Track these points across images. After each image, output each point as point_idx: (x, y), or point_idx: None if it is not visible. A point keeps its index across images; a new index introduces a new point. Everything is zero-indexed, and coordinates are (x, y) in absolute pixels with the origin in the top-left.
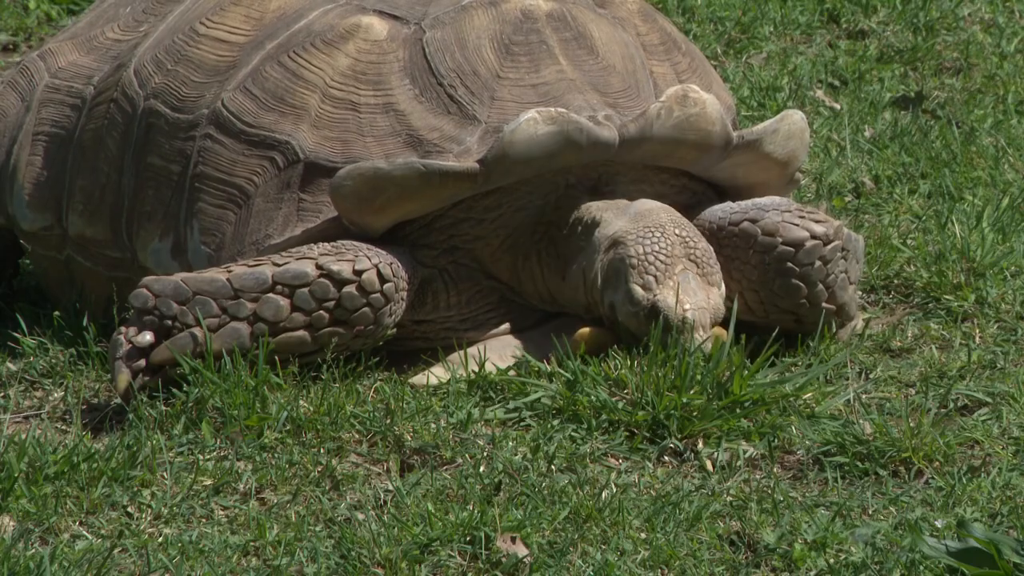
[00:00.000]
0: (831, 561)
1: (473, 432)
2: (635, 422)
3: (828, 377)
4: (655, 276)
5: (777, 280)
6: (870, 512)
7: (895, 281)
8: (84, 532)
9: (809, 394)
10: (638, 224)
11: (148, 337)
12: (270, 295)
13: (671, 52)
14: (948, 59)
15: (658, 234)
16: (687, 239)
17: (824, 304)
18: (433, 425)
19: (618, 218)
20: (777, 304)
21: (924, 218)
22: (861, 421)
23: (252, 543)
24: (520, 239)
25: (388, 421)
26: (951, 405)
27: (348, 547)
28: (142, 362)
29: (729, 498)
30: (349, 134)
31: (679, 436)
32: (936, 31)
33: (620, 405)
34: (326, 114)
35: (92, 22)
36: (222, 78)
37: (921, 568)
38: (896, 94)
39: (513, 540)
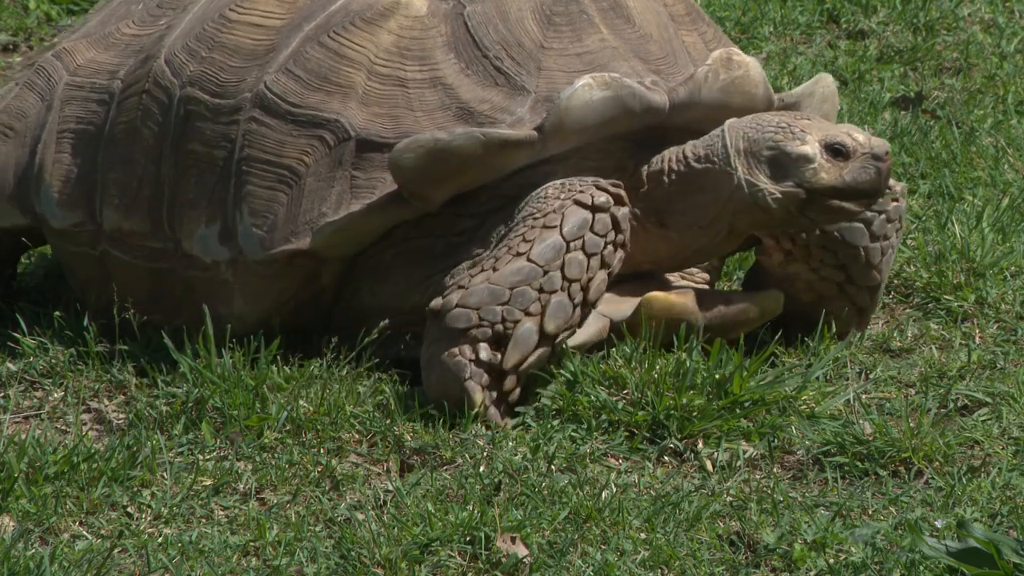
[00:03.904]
0: (831, 561)
1: (473, 432)
2: (635, 422)
3: (828, 377)
4: (803, 129)
5: (843, 225)
6: (870, 512)
7: (895, 281)
8: (84, 532)
9: (809, 394)
10: (741, 123)
11: (486, 351)
12: (569, 255)
13: (697, 22)
14: (948, 59)
15: (768, 116)
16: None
17: (873, 271)
18: (433, 425)
19: (715, 139)
20: (837, 252)
21: (924, 218)
22: (861, 421)
23: (252, 543)
24: None
25: (388, 421)
26: (951, 405)
27: (348, 547)
28: (486, 377)
29: (729, 498)
30: (399, 109)
31: (679, 436)
32: (936, 31)
33: (620, 405)
34: (374, 91)
35: (104, 20)
36: (262, 61)
37: (921, 568)
38: (896, 94)
39: (513, 540)
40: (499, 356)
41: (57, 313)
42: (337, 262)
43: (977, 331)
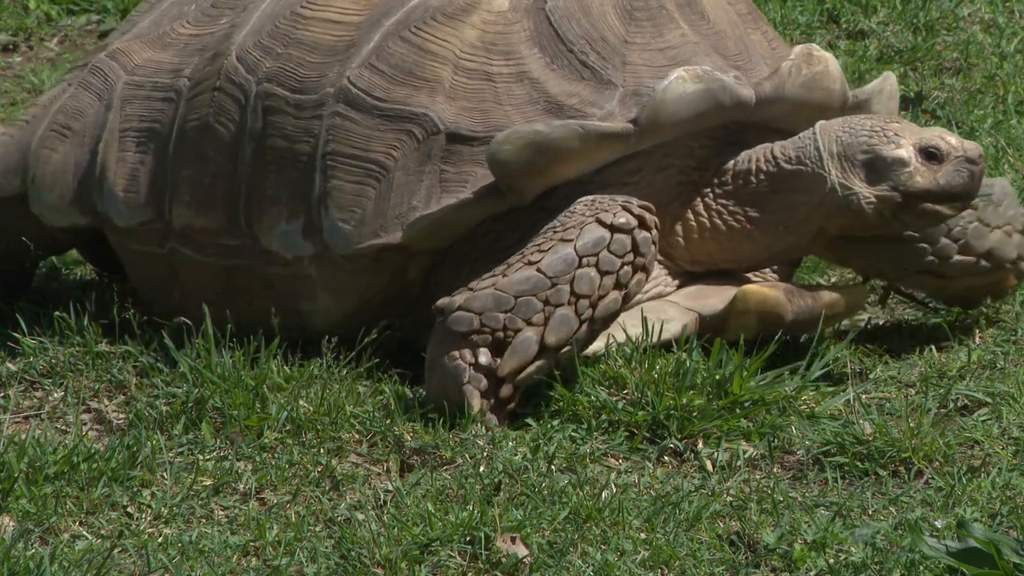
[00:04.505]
0: (831, 561)
1: (473, 432)
2: (635, 422)
3: (828, 376)
4: (896, 132)
5: (899, 245)
6: (870, 512)
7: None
8: (84, 532)
9: (809, 394)
10: (832, 125)
11: (486, 356)
12: (580, 270)
13: (758, 21)
14: (948, 59)
15: (859, 119)
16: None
17: (957, 257)
18: (433, 425)
19: (806, 141)
20: (906, 265)
21: None
22: (861, 421)
23: (252, 543)
24: (663, 200)
25: (388, 421)
26: (951, 405)
27: (348, 547)
28: (485, 382)
29: (729, 498)
30: (487, 104)
31: (679, 436)
32: (936, 31)
33: (620, 405)
34: (461, 85)
35: (156, 21)
36: (342, 57)
37: (921, 568)
38: None
39: (513, 540)
40: (498, 362)
41: (57, 313)
42: (425, 256)
43: (977, 331)
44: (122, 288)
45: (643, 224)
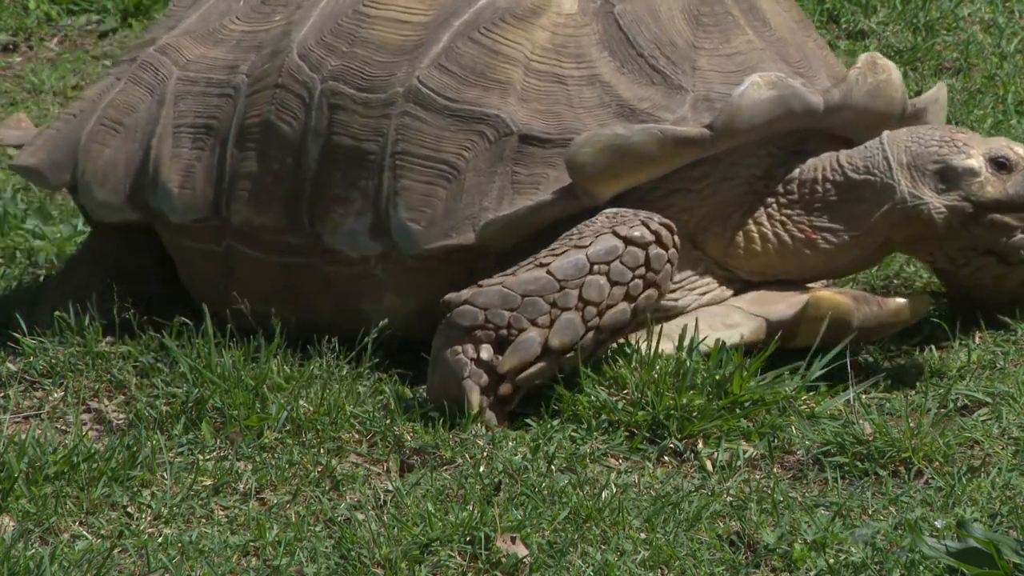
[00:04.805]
0: (831, 561)
1: (473, 432)
2: (635, 422)
3: (828, 376)
4: (965, 142)
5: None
6: (870, 512)
7: (895, 281)
8: (84, 532)
9: (809, 394)
10: (899, 135)
11: (488, 352)
12: (590, 277)
13: (808, 29)
14: (948, 59)
15: (925, 129)
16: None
17: (1020, 235)
18: (433, 425)
19: (874, 151)
20: (976, 244)
21: None
22: (861, 421)
23: (252, 543)
24: (726, 210)
25: (388, 421)
26: (951, 405)
27: (348, 547)
28: (485, 378)
29: (729, 498)
30: (559, 106)
31: (679, 436)
32: (936, 31)
33: (620, 405)
34: (532, 87)
35: (204, 17)
36: (411, 57)
37: (921, 568)
38: None
39: (513, 540)
40: (500, 359)
41: (57, 313)
42: (491, 258)
43: (977, 331)
44: (122, 288)
45: (659, 241)
